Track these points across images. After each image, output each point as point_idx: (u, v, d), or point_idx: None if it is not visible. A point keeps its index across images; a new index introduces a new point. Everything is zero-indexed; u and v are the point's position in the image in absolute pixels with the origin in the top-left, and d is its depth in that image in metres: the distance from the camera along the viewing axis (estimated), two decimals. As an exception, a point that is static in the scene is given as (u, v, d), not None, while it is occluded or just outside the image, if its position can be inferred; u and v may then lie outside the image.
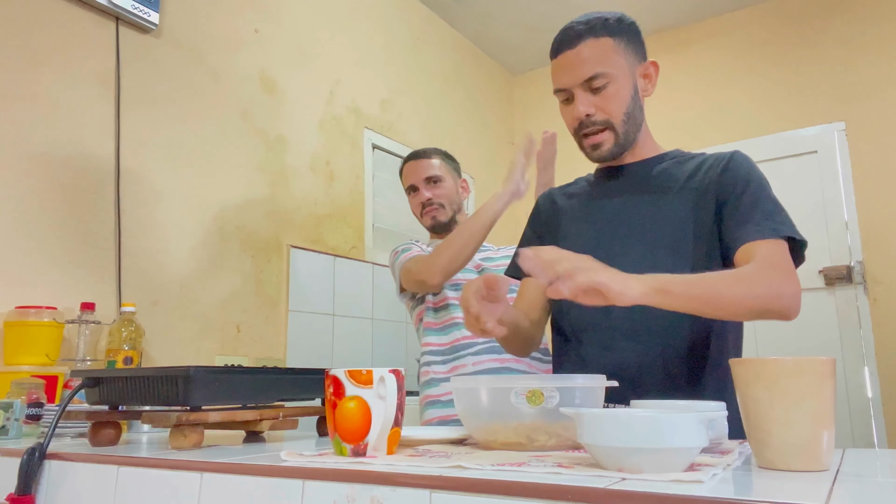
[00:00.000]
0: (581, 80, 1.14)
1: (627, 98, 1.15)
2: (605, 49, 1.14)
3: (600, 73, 1.12)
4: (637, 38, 1.19)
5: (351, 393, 0.73)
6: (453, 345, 1.71)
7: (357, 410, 0.73)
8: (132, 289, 1.91)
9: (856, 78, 3.31)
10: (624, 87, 1.15)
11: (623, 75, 1.15)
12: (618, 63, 1.14)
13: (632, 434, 0.58)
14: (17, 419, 1.20)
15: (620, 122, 1.15)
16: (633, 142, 1.19)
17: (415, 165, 1.88)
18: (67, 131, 1.81)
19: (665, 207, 1.14)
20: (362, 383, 0.74)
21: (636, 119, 1.18)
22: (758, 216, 1.06)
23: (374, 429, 0.73)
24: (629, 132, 1.17)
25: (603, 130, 1.16)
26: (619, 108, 1.15)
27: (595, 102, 1.14)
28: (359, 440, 0.73)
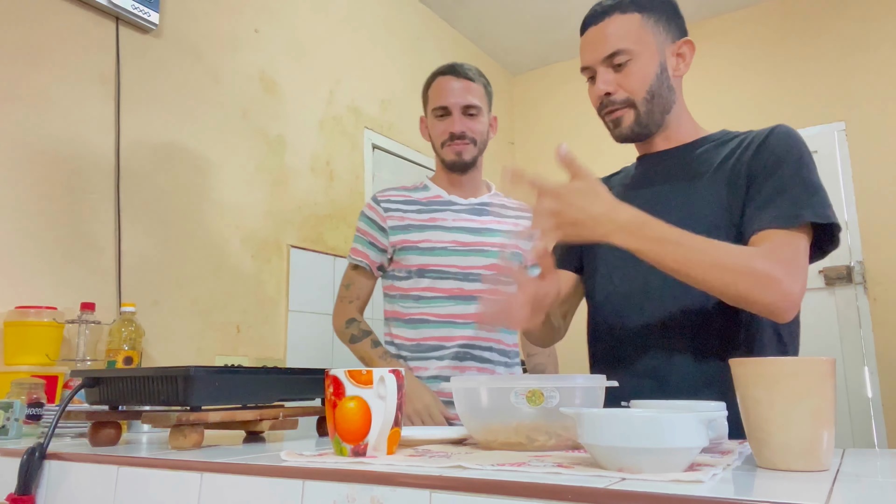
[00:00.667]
0: (601, 57, 1.10)
1: (651, 76, 1.10)
2: (630, 25, 1.09)
3: (622, 50, 1.08)
4: (672, 15, 1.13)
5: (351, 393, 0.73)
6: (419, 342, 1.56)
7: (357, 410, 0.73)
8: (132, 289, 1.91)
9: (856, 78, 3.31)
10: (648, 65, 1.10)
11: (649, 52, 1.10)
12: (644, 39, 1.09)
13: (632, 434, 0.58)
14: (17, 419, 1.20)
15: (642, 100, 1.10)
16: (661, 123, 1.14)
17: (454, 85, 1.59)
18: (67, 131, 1.81)
19: (698, 193, 1.08)
20: (362, 383, 0.74)
21: (663, 98, 1.12)
22: (779, 201, 0.98)
23: (374, 429, 0.73)
24: (653, 111, 1.12)
25: (624, 108, 1.12)
26: (640, 85, 1.10)
27: (617, 80, 1.10)
28: (359, 440, 0.73)
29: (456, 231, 1.58)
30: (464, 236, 1.58)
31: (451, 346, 1.53)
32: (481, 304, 1.00)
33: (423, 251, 1.56)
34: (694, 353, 1.04)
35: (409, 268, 1.57)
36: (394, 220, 1.61)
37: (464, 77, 1.59)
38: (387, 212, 1.62)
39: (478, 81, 1.61)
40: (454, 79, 1.59)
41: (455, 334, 1.54)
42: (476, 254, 1.57)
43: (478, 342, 1.55)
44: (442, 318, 1.54)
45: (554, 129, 4.07)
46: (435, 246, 1.56)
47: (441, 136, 1.60)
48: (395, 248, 1.59)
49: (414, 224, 1.60)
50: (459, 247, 1.57)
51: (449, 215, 1.61)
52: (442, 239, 1.57)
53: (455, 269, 1.56)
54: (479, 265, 1.56)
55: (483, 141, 1.63)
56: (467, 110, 1.58)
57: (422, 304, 1.56)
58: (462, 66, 1.61)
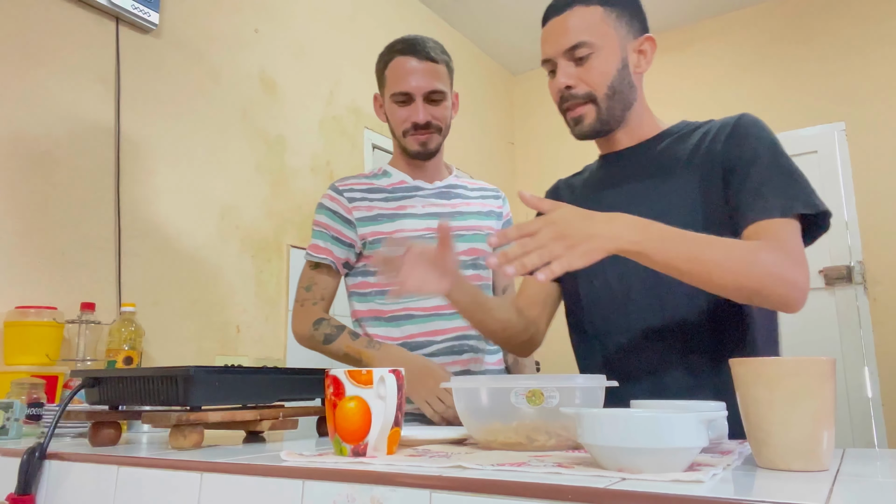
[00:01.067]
0: (563, 49, 1.08)
1: (612, 71, 1.08)
2: (592, 18, 1.08)
3: (583, 43, 1.06)
4: (634, 11, 1.12)
5: (351, 393, 0.73)
6: (406, 341, 1.43)
7: (357, 410, 0.73)
8: (132, 289, 1.91)
9: (856, 78, 3.32)
10: (610, 60, 1.08)
11: (610, 47, 1.08)
12: (605, 34, 1.08)
13: (632, 434, 0.58)
14: (17, 419, 1.20)
15: (603, 95, 1.08)
16: (622, 120, 1.12)
17: (416, 67, 1.42)
18: (67, 131, 1.81)
19: (670, 190, 1.07)
20: (362, 383, 0.73)
21: (624, 95, 1.10)
22: (767, 191, 0.97)
23: (374, 429, 0.73)
24: (614, 108, 1.10)
25: (585, 104, 1.09)
26: (601, 80, 1.08)
27: (578, 74, 1.08)
28: (359, 440, 0.73)
29: (427, 218, 1.48)
30: (435, 223, 1.47)
31: (441, 339, 1.43)
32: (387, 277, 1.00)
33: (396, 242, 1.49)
34: (680, 356, 1.04)
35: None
36: (360, 210, 1.48)
37: (426, 58, 1.42)
38: (351, 202, 1.48)
39: (440, 60, 1.45)
40: (415, 60, 1.41)
41: (445, 327, 1.44)
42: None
43: (470, 332, 1.45)
44: (428, 312, 1.43)
45: (554, 129, 4.07)
46: (409, 236, 1.45)
47: (402, 125, 1.45)
48: (366, 242, 1.47)
49: (384, 213, 1.47)
50: (433, 234, 1.47)
51: (418, 201, 1.49)
52: (415, 227, 1.46)
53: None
54: (458, 251, 1.47)
55: (447, 126, 1.48)
56: (431, 96, 1.42)
57: (404, 299, 1.45)
58: (423, 44, 1.43)
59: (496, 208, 1.57)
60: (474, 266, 1.48)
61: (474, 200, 1.55)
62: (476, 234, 1.50)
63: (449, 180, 1.56)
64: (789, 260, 0.90)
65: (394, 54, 1.44)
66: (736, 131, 1.04)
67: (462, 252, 1.47)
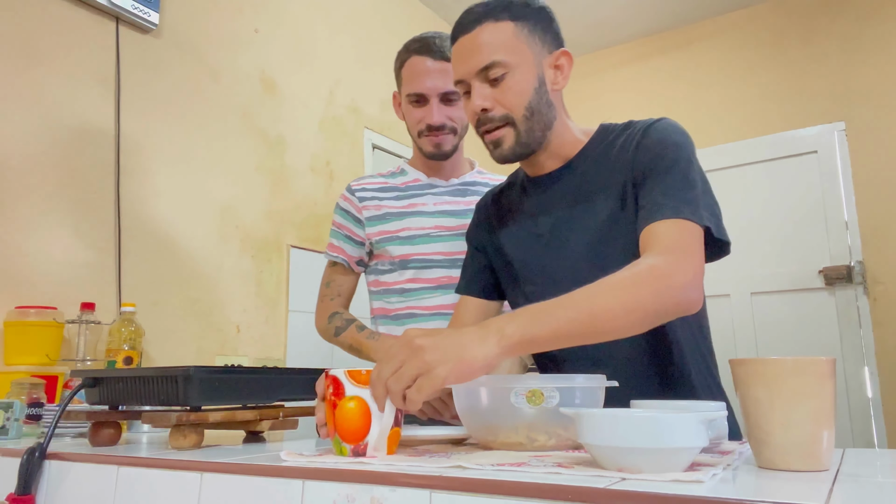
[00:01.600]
0: (476, 69, 1.02)
1: (529, 91, 1.03)
2: (504, 34, 1.02)
3: (497, 62, 1.01)
4: (547, 25, 1.07)
5: (351, 393, 0.73)
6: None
7: (357, 410, 0.72)
8: (132, 289, 1.91)
9: (856, 78, 3.32)
10: (526, 79, 1.03)
11: (525, 65, 1.03)
12: (519, 51, 1.02)
13: (632, 434, 0.58)
14: (17, 419, 1.20)
15: (522, 117, 1.03)
16: (543, 140, 1.07)
17: (431, 68, 1.40)
18: (67, 131, 1.81)
19: (598, 214, 1.04)
20: (362, 383, 0.73)
21: (543, 115, 1.05)
22: (659, 196, 0.93)
23: (374, 429, 0.72)
24: (533, 129, 1.05)
25: (503, 126, 1.04)
26: (519, 101, 1.02)
27: (493, 95, 1.03)
28: (359, 440, 0.72)
29: (438, 215, 1.46)
30: (447, 220, 1.46)
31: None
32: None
33: (403, 240, 1.44)
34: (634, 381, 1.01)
35: (392, 259, 1.46)
36: (370, 209, 1.49)
37: (442, 58, 1.40)
38: (362, 202, 1.50)
39: None
40: (431, 60, 1.40)
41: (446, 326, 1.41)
42: (462, 238, 1.44)
43: None
44: (430, 311, 1.43)
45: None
46: (416, 234, 1.44)
47: (418, 126, 1.44)
48: (374, 241, 1.48)
49: (392, 212, 1.48)
50: (443, 232, 1.44)
51: (429, 199, 1.49)
52: (423, 225, 1.45)
53: (440, 256, 1.44)
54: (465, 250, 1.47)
55: (464, 126, 1.47)
56: (446, 96, 1.40)
57: (407, 298, 1.44)
58: (440, 44, 1.41)
59: None
60: None
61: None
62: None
63: (467, 177, 1.54)
64: (669, 260, 0.85)
65: (409, 54, 1.43)
66: (644, 141, 1.01)
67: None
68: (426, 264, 1.44)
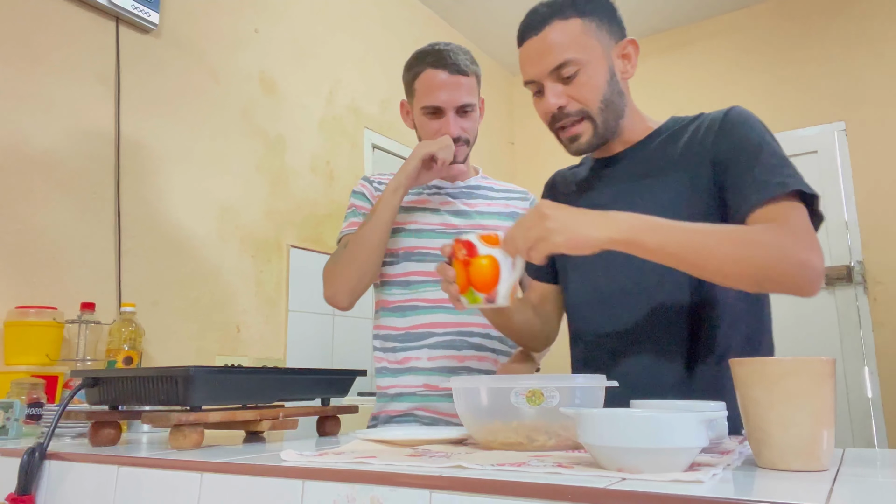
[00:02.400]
0: (548, 69, 1.04)
1: (603, 84, 1.05)
2: (573, 31, 1.03)
3: (569, 60, 1.02)
4: (611, 15, 1.08)
5: (484, 252, 0.89)
6: (408, 331, 1.43)
7: (489, 266, 0.89)
8: (132, 289, 1.91)
9: (856, 78, 3.32)
10: (598, 73, 1.04)
11: (596, 59, 1.04)
12: (589, 46, 1.04)
13: (632, 434, 0.58)
14: (17, 419, 1.20)
15: (597, 110, 1.05)
16: (616, 130, 1.10)
17: (447, 82, 1.41)
18: (67, 131, 1.81)
19: (660, 192, 1.05)
20: (492, 243, 0.89)
21: (616, 106, 1.08)
22: (761, 174, 0.94)
23: (503, 281, 0.88)
24: (609, 120, 1.07)
25: (580, 121, 1.06)
26: (594, 96, 1.05)
27: (567, 92, 1.05)
28: (490, 289, 0.88)
29: (446, 214, 1.50)
30: (454, 219, 1.49)
31: (442, 332, 1.42)
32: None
33: (410, 233, 1.47)
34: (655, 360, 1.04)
35: (397, 251, 1.47)
36: None
37: (457, 72, 1.42)
38: (377, 192, 1.52)
39: (471, 72, 1.45)
40: (446, 73, 1.41)
41: (449, 320, 1.43)
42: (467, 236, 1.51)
43: (475, 328, 1.43)
44: (432, 303, 1.44)
45: (554, 129, 4.06)
46: (423, 228, 1.47)
47: (433, 138, 1.45)
48: None
49: (402, 206, 1.48)
50: (450, 229, 1.47)
51: (437, 199, 1.52)
52: (431, 221, 1.48)
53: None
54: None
55: (475, 136, 1.50)
56: (462, 109, 1.44)
57: (410, 290, 1.45)
58: (455, 58, 1.42)
59: (521, 209, 1.56)
60: None
61: (497, 201, 1.56)
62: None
63: (472, 181, 1.58)
64: (796, 239, 0.87)
65: (424, 66, 1.43)
66: (725, 126, 1.03)
67: None
68: (430, 258, 1.45)
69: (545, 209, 0.87)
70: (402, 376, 1.43)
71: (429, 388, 1.40)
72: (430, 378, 1.40)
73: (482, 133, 1.58)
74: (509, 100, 4.33)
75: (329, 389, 1.14)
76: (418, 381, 1.41)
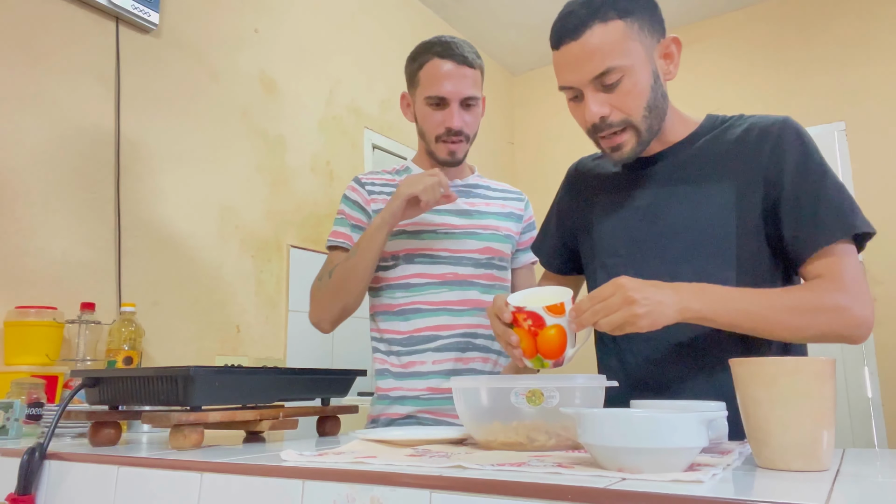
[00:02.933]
0: (589, 77, 0.98)
1: (647, 90, 0.99)
2: (615, 36, 0.96)
3: (612, 68, 0.96)
4: (653, 13, 1.01)
5: (551, 322, 0.92)
6: (412, 335, 1.41)
7: (558, 336, 0.93)
8: (132, 289, 1.91)
9: (856, 78, 3.32)
10: (642, 79, 0.98)
11: (640, 64, 0.98)
12: (632, 50, 0.97)
13: (632, 434, 0.58)
14: (17, 419, 1.20)
15: (641, 118, 1.00)
16: (659, 131, 1.05)
17: (453, 73, 1.39)
18: (67, 131, 1.81)
19: (704, 199, 1.02)
20: (558, 314, 0.92)
21: (660, 110, 1.02)
22: (824, 214, 0.94)
23: (569, 348, 0.93)
24: (653, 126, 1.02)
25: (623, 131, 1.01)
26: (638, 103, 0.99)
27: (610, 101, 0.99)
28: (559, 356, 0.93)
29: (445, 214, 1.47)
30: (454, 219, 1.46)
31: (448, 335, 1.40)
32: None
33: (410, 235, 1.44)
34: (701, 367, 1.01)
35: (396, 254, 1.44)
36: (378, 203, 1.47)
37: (464, 63, 1.40)
38: (371, 194, 1.48)
39: (476, 66, 1.42)
40: (453, 64, 1.39)
41: (453, 322, 1.41)
42: (468, 237, 1.46)
43: (479, 330, 1.42)
44: (437, 306, 1.42)
45: (554, 129, 4.07)
46: (423, 229, 1.44)
47: (435, 129, 1.43)
48: None
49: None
50: (451, 229, 1.45)
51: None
52: (431, 221, 1.45)
53: (447, 252, 1.44)
54: (472, 248, 1.45)
55: (475, 132, 1.47)
56: (466, 101, 1.41)
57: (413, 293, 1.42)
58: (461, 49, 1.41)
59: (517, 210, 1.56)
60: (488, 265, 1.46)
61: (495, 201, 1.54)
62: (493, 233, 1.48)
63: (469, 180, 1.56)
64: (849, 297, 0.90)
65: (431, 55, 1.41)
66: (782, 143, 0.98)
67: (477, 251, 1.46)
68: (433, 259, 1.44)
69: (631, 292, 0.86)
70: (405, 380, 1.41)
71: (432, 391, 1.39)
72: (433, 381, 1.40)
73: (482, 133, 1.57)
74: (509, 100, 4.33)
75: (329, 389, 1.14)
76: (422, 385, 1.40)
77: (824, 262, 0.94)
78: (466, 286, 1.43)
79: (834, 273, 0.93)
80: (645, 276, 1.04)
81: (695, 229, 1.02)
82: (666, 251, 1.04)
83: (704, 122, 1.10)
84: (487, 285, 1.45)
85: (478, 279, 1.44)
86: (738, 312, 0.89)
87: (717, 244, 1.00)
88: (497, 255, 1.48)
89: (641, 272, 1.05)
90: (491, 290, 1.45)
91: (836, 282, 0.92)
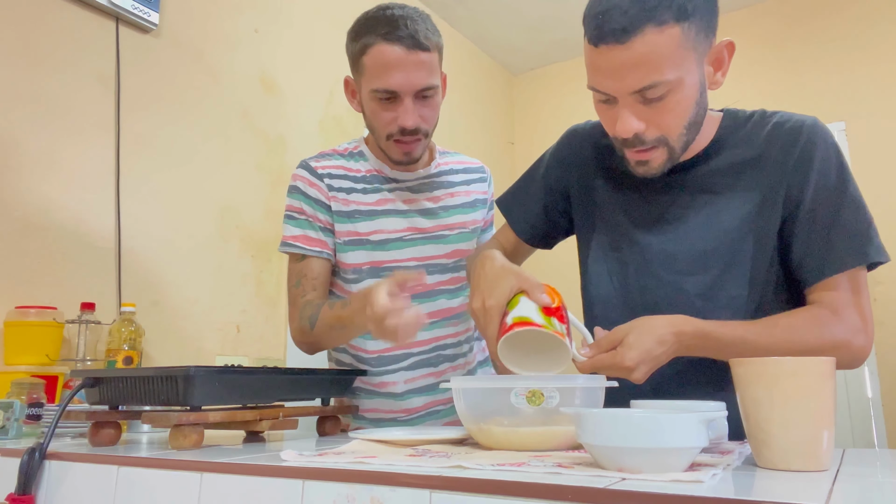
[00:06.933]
0: (630, 90, 0.86)
1: (691, 106, 0.89)
2: (669, 44, 0.83)
3: (658, 83, 0.84)
4: (713, 12, 0.88)
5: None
6: (381, 355, 1.30)
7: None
8: (132, 289, 1.91)
9: (856, 78, 3.31)
10: (689, 95, 0.87)
11: (688, 76, 0.86)
12: (684, 61, 0.85)
13: (632, 434, 0.58)
14: (17, 419, 1.20)
15: (678, 136, 0.91)
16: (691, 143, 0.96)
17: (404, 60, 1.14)
18: (67, 131, 1.81)
19: (722, 207, 0.96)
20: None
21: (698, 126, 0.94)
22: (837, 239, 0.90)
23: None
24: (688, 143, 0.93)
25: (654, 148, 0.91)
26: (678, 122, 0.89)
27: (648, 116, 0.88)
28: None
29: (411, 215, 1.31)
30: (420, 221, 1.31)
31: (418, 352, 1.29)
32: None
33: (375, 245, 1.28)
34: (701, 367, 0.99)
35: (360, 266, 1.28)
36: (337, 202, 1.28)
37: (415, 47, 1.14)
38: (331, 191, 1.29)
39: (432, 47, 1.17)
40: (402, 49, 1.14)
41: (423, 338, 1.29)
42: (435, 241, 1.31)
43: (447, 340, 1.32)
44: None
45: (554, 129, 4.05)
46: (389, 237, 1.28)
47: (386, 127, 1.21)
48: (341, 242, 1.28)
49: (361, 210, 1.29)
50: (416, 234, 1.30)
51: (398, 195, 1.32)
52: (396, 228, 1.29)
53: (413, 261, 1.29)
54: (440, 254, 1.31)
55: (435, 124, 1.26)
56: (421, 93, 1.18)
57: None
58: (411, 28, 1.15)
59: (481, 194, 1.43)
60: (455, 268, 1.35)
61: (459, 188, 1.39)
62: (461, 232, 1.36)
63: (432, 168, 1.38)
64: (851, 330, 0.90)
65: (375, 38, 1.16)
66: (808, 152, 0.93)
67: (445, 255, 1.34)
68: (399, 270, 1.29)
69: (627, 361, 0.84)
70: (378, 399, 1.33)
71: (409, 412, 1.32)
72: (408, 402, 1.32)
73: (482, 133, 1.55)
74: (509, 100, 4.33)
75: (329, 389, 1.14)
76: (398, 407, 1.32)
77: (829, 293, 0.92)
78: (434, 295, 1.33)
79: (836, 304, 0.91)
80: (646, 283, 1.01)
81: (710, 235, 0.96)
82: (675, 262, 0.99)
83: (725, 120, 1.02)
84: (454, 290, 1.35)
85: (444, 285, 1.34)
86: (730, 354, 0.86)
87: (731, 258, 0.95)
88: (464, 257, 1.36)
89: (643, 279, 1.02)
90: (457, 293, 1.36)
91: (837, 314, 0.91)
